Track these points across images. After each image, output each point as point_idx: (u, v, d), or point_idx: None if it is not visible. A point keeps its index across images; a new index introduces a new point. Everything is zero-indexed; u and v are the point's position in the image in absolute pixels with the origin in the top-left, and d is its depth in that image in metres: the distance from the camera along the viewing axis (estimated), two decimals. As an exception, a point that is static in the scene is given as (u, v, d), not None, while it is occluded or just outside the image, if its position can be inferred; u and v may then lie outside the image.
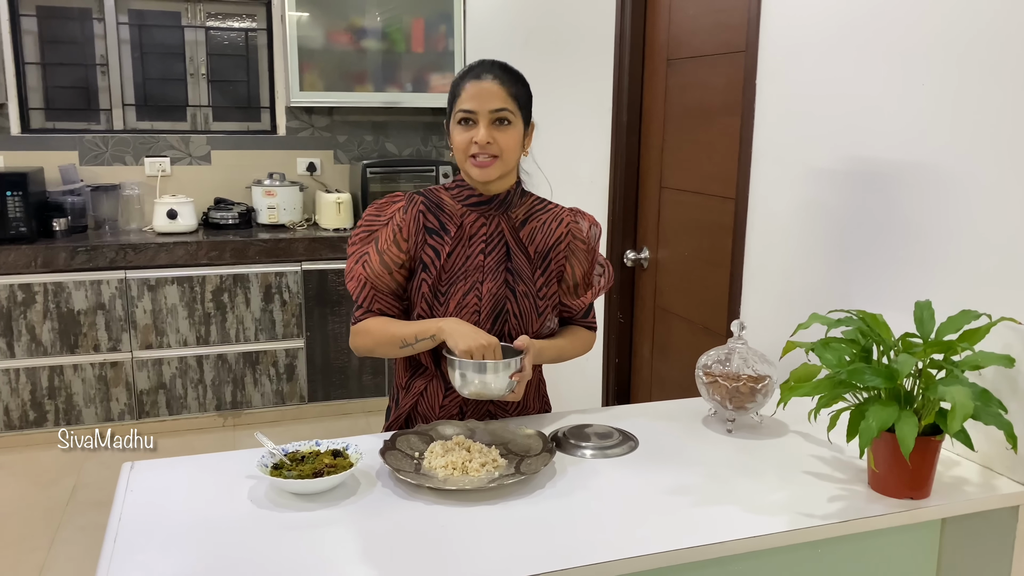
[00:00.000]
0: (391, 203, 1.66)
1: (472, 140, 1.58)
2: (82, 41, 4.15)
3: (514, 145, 1.62)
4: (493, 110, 1.58)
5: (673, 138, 2.55)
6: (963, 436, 1.25)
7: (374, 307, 1.65)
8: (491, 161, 1.59)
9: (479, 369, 1.52)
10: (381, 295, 1.64)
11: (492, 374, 1.52)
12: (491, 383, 1.53)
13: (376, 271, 1.63)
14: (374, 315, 1.65)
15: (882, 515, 1.30)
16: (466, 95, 1.59)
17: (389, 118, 4.57)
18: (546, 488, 1.38)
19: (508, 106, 1.59)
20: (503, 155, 1.59)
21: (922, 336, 1.35)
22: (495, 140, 1.58)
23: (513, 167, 1.65)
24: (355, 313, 1.67)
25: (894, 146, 1.64)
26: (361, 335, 1.65)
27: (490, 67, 1.61)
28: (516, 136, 1.62)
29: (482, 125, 1.58)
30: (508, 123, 1.59)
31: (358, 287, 1.64)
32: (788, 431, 1.63)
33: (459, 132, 1.60)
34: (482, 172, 1.59)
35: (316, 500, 1.32)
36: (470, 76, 1.61)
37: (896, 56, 1.62)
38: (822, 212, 1.85)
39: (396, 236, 1.63)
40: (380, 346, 1.63)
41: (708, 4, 2.35)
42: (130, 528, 1.24)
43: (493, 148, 1.58)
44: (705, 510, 1.31)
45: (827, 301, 1.78)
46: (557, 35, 3.18)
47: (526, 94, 1.65)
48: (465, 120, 1.59)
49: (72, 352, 3.74)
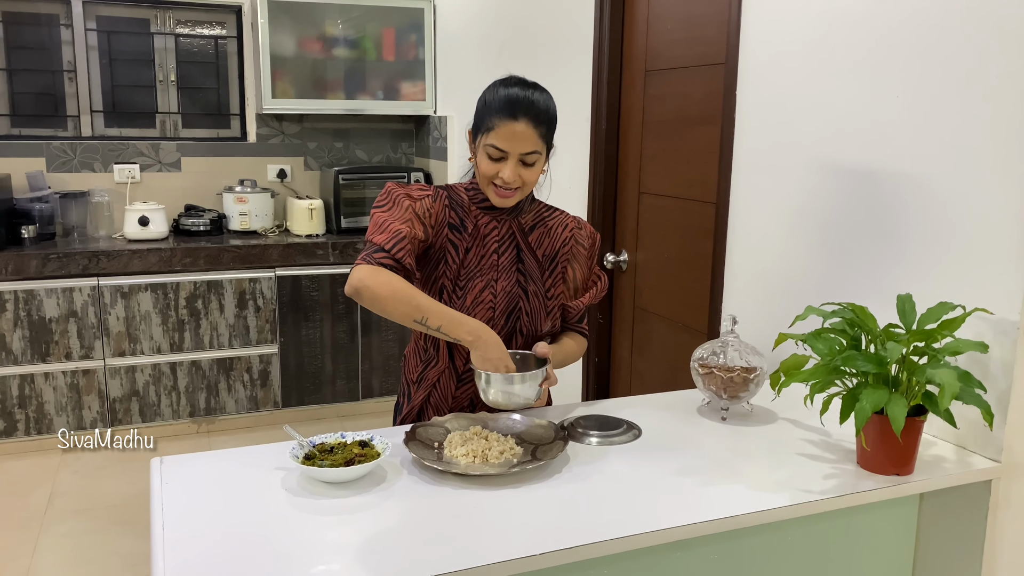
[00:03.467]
0: (418, 188, 1.70)
1: (499, 174, 1.64)
2: (50, 47, 4.12)
3: (536, 178, 1.69)
4: (524, 153, 1.63)
5: (652, 145, 2.67)
6: (947, 415, 1.37)
7: (405, 261, 1.59)
8: (513, 193, 1.67)
9: (508, 380, 1.58)
10: (412, 254, 1.62)
11: (520, 384, 1.59)
12: (519, 393, 1.59)
13: (416, 233, 1.63)
14: (397, 267, 1.58)
15: (873, 490, 1.42)
16: (499, 133, 1.61)
17: (358, 125, 4.62)
18: (563, 473, 1.47)
19: (538, 148, 1.64)
20: (524, 187, 1.68)
21: (905, 326, 1.47)
22: (521, 177, 1.65)
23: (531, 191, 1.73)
24: (374, 255, 1.58)
25: (870, 151, 1.77)
26: (381, 280, 1.55)
27: (526, 108, 1.61)
28: (539, 169, 1.68)
29: (510, 164, 1.62)
30: (535, 162, 1.65)
31: (393, 238, 1.59)
32: (778, 418, 1.75)
33: (486, 161, 1.65)
34: (503, 201, 1.68)
35: (349, 488, 1.39)
36: (506, 114, 1.61)
37: (871, 67, 1.76)
38: (802, 214, 1.98)
39: (425, 217, 1.67)
40: (392, 302, 1.55)
41: (686, 19, 2.47)
42: (174, 517, 1.29)
43: (517, 182, 1.66)
44: (714, 489, 1.41)
45: (808, 298, 1.91)
46: (533, 46, 3.29)
47: (553, 125, 1.68)
48: (494, 157, 1.64)
49: (43, 360, 3.71)
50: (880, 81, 1.74)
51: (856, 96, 1.80)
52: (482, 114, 1.66)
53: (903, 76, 1.69)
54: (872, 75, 1.76)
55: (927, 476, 1.48)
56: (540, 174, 1.70)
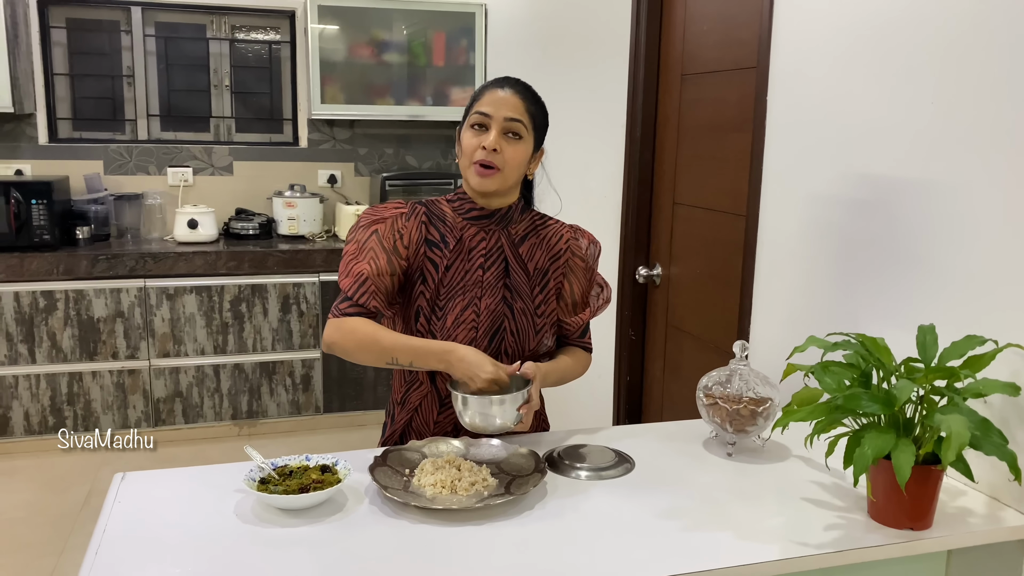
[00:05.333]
0: (394, 208, 1.64)
1: (481, 144, 1.57)
2: (109, 52, 4.21)
3: (519, 161, 1.60)
4: (507, 118, 1.57)
5: (687, 153, 2.52)
6: (962, 466, 1.21)
7: (370, 304, 1.56)
8: (492, 172, 1.57)
9: (484, 403, 1.48)
10: (378, 294, 1.58)
11: (498, 407, 1.48)
12: (496, 417, 1.48)
13: (381, 268, 1.57)
14: (363, 312, 1.57)
15: (879, 546, 1.26)
16: (484, 100, 1.59)
17: (409, 131, 4.58)
18: (535, 510, 1.36)
19: (522, 119, 1.59)
20: (505, 169, 1.58)
21: (924, 361, 1.31)
22: (502, 150, 1.57)
23: (513, 184, 1.63)
24: (339, 305, 1.58)
25: (902, 164, 1.60)
26: (345, 332, 1.55)
27: (514, 82, 1.62)
28: (523, 153, 1.60)
29: (494, 131, 1.57)
30: (519, 137, 1.59)
31: (356, 283, 1.56)
32: (790, 455, 1.59)
33: (470, 136, 1.60)
34: (481, 181, 1.58)
35: (301, 516, 1.31)
36: (491, 85, 1.62)
37: (906, 73, 1.59)
38: (830, 231, 1.81)
39: (397, 243, 1.60)
40: (361, 351, 1.55)
41: (722, 20, 2.32)
42: (112, 541, 1.23)
43: (498, 158, 1.56)
44: (695, 535, 1.28)
45: (833, 322, 1.74)
46: (572, 49, 3.17)
47: (542, 116, 1.65)
48: (479, 124, 1.59)
49: (91, 359, 3.78)
50: (912, 87, 1.57)
51: (886, 103, 1.63)
52: (471, 100, 1.63)
53: (937, 81, 1.51)
54: (904, 81, 1.59)
55: (947, 532, 1.31)
56: (525, 159, 1.61)
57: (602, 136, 2.87)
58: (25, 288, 3.65)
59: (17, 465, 3.67)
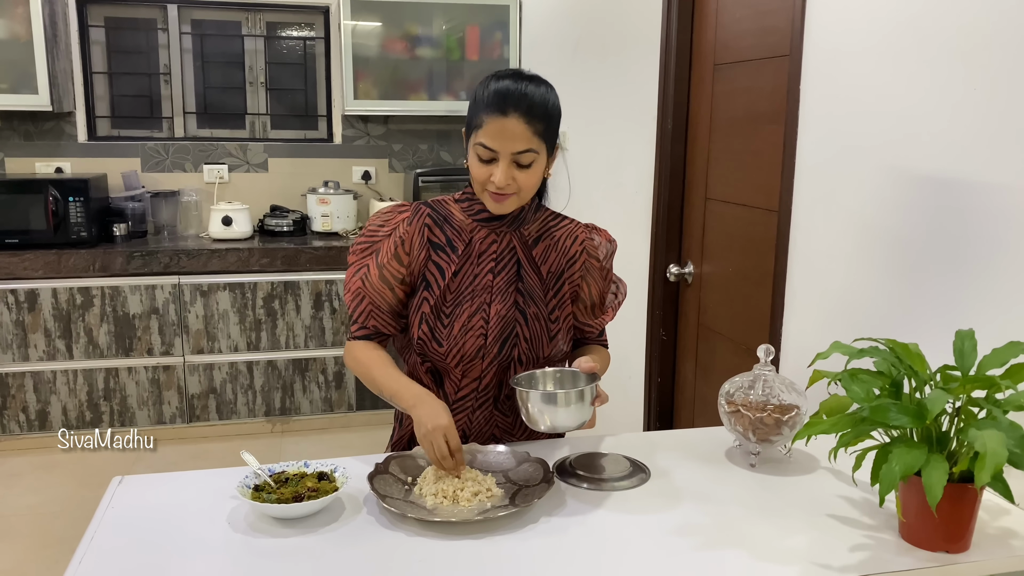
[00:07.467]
0: (397, 213, 1.57)
1: (490, 177, 1.44)
2: (147, 51, 4.24)
3: (535, 182, 1.48)
4: (516, 152, 1.43)
5: (719, 146, 2.42)
6: (1001, 486, 1.10)
7: (369, 324, 1.55)
8: (508, 197, 1.47)
9: (551, 401, 1.40)
10: (379, 312, 1.54)
11: (564, 407, 1.39)
12: (564, 417, 1.39)
13: (375, 286, 1.53)
14: (368, 333, 1.57)
15: (911, 570, 1.16)
16: (488, 130, 1.42)
17: (444, 127, 4.53)
18: (539, 523, 1.28)
19: (532, 146, 1.43)
20: (522, 192, 1.47)
21: (961, 370, 1.20)
22: (515, 180, 1.44)
23: (531, 197, 1.53)
24: (351, 327, 1.59)
25: (942, 158, 1.49)
26: (350, 359, 1.58)
27: (517, 101, 1.41)
28: (538, 172, 1.47)
29: (502, 166, 1.42)
30: (531, 163, 1.44)
31: (354, 301, 1.55)
32: (818, 467, 1.49)
33: (476, 164, 1.45)
34: (498, 206, 1.48)
35: (295, 525, 1.26)
36: (494, 109, 1.41)
37: (946, 62, 1.47)
38: (865, 228, 1.70)
39: (397, 249, 1.53)
40: (364, 380, 1.56)
41: (754, 6, 2.21)
42: (99, 548, 1.20)
43: (512, 188, 1.45)
44: (705, 555, 1.19)
45: (869, 325, 1.64)
46: (605, 41, 3.08)
47: (553, 122, 1.48)
48: (484, 158, 1.44)
49: (127, 355, 3.81)
50: (952, 76, 1.45)
51: (924, 93, 1.52)
52: (472, 111, 1.47)
53: (981, 70, 1.40)
54: (944, 69, 1.47)
55: (987, 556, 1.20)
56: (540, 177, 1.49)
57: (634, 129, 2.77)
58: (62, 285, 3.68)
59: (57, 459, 3.71)
